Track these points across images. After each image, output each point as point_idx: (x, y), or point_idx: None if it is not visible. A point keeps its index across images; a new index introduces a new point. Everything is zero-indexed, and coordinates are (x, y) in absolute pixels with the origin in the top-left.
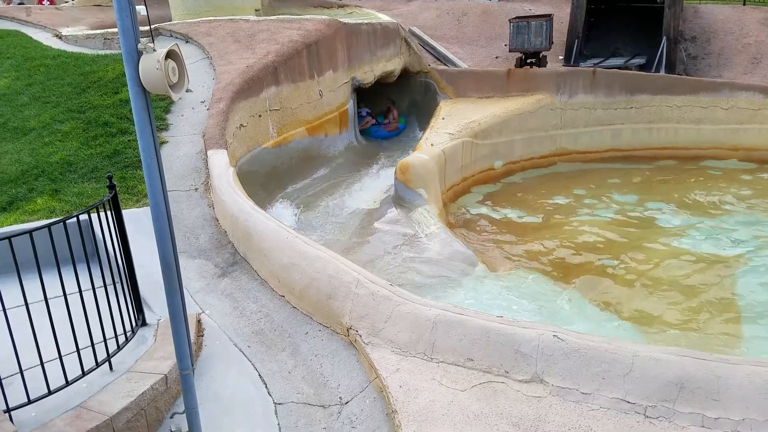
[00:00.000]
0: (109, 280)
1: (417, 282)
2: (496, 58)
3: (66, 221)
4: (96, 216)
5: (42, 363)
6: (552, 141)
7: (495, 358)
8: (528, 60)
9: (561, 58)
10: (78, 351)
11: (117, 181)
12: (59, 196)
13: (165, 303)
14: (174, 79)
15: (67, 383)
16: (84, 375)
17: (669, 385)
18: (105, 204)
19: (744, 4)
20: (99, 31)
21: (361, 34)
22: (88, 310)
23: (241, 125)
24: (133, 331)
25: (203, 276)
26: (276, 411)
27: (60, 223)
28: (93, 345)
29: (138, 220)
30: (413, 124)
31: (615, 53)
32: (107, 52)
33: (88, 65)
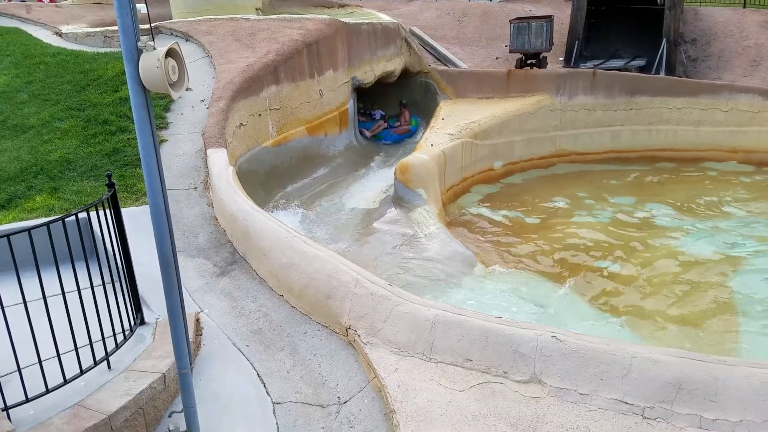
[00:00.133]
0: (108, 278)
1: (416, 282)
2: (496, 58)
3: (65, 219)
4: (95, 214)
5: (40, 361)
6: (552, 142)
7: (493, 358)
8: (528, 61)
9: (561, 59)
10: (76, 349)
11: (116, 180)
12: (58, 194)
13: (164, 302)
14: (174, 78)
15: (66, 381)
16: (82, 373)
17: (667, 387)
18: (104, 202)
19: (744, 6)
20: (99, 29)
21: (362, 33)
22: (86, 308)
23: (241, 124)
24: (132, 330)
25: (202, 275)
26: (274, 410)
27: (59, 222)
28: (91, 343)
29: (137, 218)
30: (423, 125)
31: (615, 55)
32: (107, 50)
33: (87, 63)
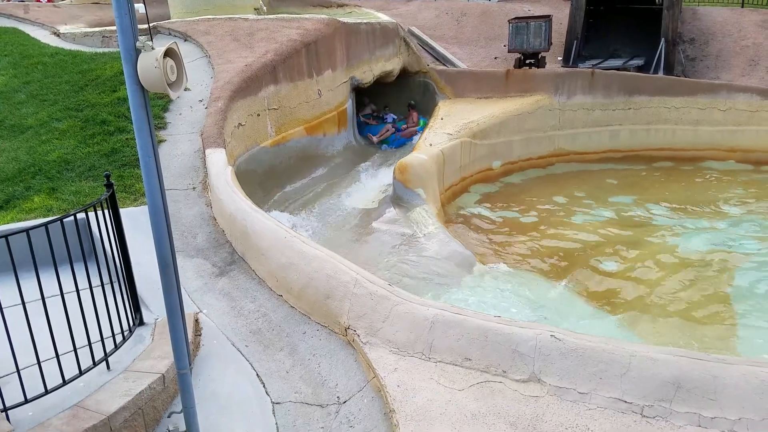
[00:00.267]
0: (107, 279)
1: (415, 281)
2: (495, 58)
3: (63, 220)
4: (93, 215)
5: (39, 362)
6: (550, 141)
7: (493, 357)
8: (527, 61)
9: (560, 59)
10: (75, 350)
11: (114, 180)
12: (56, 194)
13: (162, 302)
14: (172, 78)
15: (65, 382)
16: (81, 374)
17: (666, 385)
18: (102, 203)
19: (742, 6)
20: (97, 29)
21: (360, 33)
22: (85, 309)
23: (240, 124)
24: (131, 331)
25: (201, 275)
26: (274, 410)
27: (57, 222)
28: (90, 344)
29: (135, 218)
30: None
31: (613, 54)
32: (105, 50)
33: (86, 63)
